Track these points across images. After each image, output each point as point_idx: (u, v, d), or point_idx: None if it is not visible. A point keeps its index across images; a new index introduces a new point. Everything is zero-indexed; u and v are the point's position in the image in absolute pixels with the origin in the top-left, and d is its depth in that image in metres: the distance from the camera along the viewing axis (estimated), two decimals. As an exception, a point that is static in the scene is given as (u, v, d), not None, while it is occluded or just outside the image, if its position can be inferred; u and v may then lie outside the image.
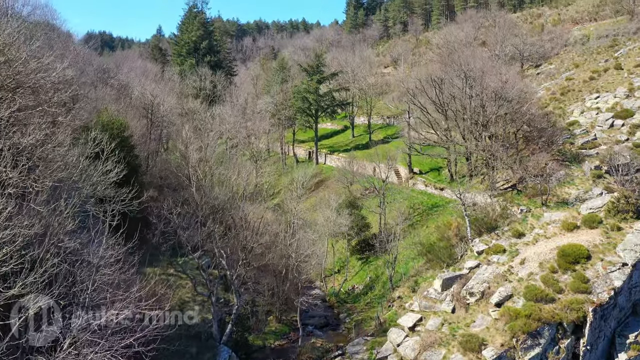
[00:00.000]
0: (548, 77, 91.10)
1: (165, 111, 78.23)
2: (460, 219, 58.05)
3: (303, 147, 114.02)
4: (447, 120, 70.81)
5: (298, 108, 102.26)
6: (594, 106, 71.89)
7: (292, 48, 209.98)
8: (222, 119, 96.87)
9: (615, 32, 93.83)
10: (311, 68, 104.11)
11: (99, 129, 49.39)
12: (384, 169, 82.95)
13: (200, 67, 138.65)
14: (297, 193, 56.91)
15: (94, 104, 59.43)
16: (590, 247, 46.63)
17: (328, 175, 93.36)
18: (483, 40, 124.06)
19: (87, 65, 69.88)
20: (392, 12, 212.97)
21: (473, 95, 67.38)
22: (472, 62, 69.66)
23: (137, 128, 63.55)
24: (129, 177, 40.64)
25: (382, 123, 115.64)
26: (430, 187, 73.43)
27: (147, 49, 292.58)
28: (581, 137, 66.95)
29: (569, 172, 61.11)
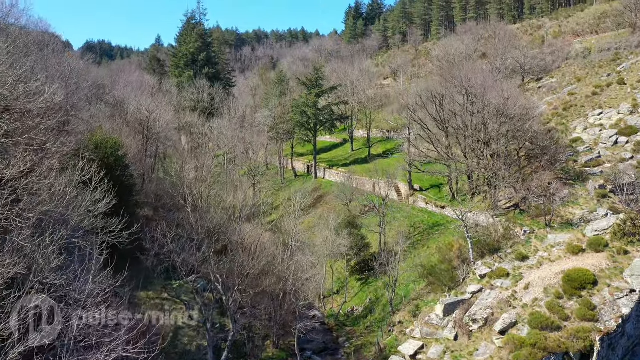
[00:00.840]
0: (550, 92, 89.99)
1: (162, 127, 76.98)
2: (462, 241, 56.73)
3: (302, 161, 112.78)
4: (448, 137, 69.59)
5: (297, 122, 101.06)
6: (598, 122, 70.70)
7: (291, 58, 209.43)
8: (219, 132, 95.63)
9: (618, 46, 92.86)
10: (310, 82, 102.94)
11: (88, 155, 48.30)
12: (383, 185, 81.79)
13: (198, 79, 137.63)
14: (295, 215, 55.49)
15: (87, 125, 58.15)
16: (597, 271, 45.34)
17: (327, 191, 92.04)
18: (483, 52, 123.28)
19: (82, 81, 68.62)
20: (391, 22, 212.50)
21: (474, 112, 66.21)
22: (473, 77, 68.51)
23: (132, 146, 62.34)
24: (119, 206, 39.19)
25: (381, 137, 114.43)
26: (431, 205, 72.13)
27: (146, 59, 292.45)
28: (585, 154, 65.71)
29: (572, 191, 59.82)
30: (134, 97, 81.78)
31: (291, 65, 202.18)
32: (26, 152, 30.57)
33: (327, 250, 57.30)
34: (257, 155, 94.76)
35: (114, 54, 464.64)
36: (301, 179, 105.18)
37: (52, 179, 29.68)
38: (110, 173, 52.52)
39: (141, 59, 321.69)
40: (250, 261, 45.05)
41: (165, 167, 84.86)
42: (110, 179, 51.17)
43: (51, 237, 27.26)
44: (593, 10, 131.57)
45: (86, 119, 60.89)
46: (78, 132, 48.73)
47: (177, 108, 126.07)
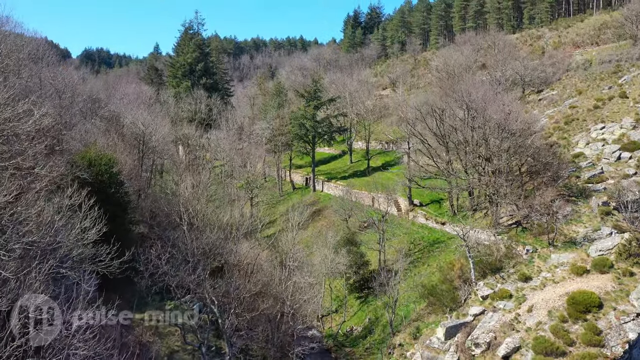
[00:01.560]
0: (550, 104, 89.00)
1: (158, 140, 75.90)
2: (463, 259, 55.54)
3: (300, 173, 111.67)
4: (449, 152, 68.55)
5: (295, 134, 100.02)
6: (600, 137, 69.68)
7: (289, 68, 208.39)
8: (217, 145, 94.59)
9: (619, 58, 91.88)
10: (308, 94, 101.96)
11: (80, 174, 47.19)
12: (382, 199, 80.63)
13: (195, 89, 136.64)
14: (293, 234, 54.32)
15: (81, 141, 57.04)
16: (602, 294, 44.23)
17: (325, 204, 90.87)
18: (483, 63, 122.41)
19: (76, 95, 67.55)
20: (390, 31, 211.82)
21: (475, 126, 65.20)
22: (473, 91, 67.49)
23: (128, 161, 61.17)
24: (112, 229, 37.99)
25: (380, 148, 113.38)
26: (431, 221, 70.96)
27: (144, 67, 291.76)
28: (587, 170, 64.72)
29: (575, 208, 58.81)
30: (130, 110, 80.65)
31: (289, 74, 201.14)
32: (13, 178, 29.47)
33: (326, 269, 56.08)
34: (255, 167, 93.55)
35: (112, 62, 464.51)
36: (299, 192, 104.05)
37: (40, 207, 28.49)
38: (104, 193, 51.67)
39: (139, 67, 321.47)
40: (246, 284, 43.87)
41: (162, 182, 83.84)
42: (102, 200, 50.45)
43: (38, 268, 26.14)
44: (593, 20, 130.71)
45: (80, 135, 59.69)
46: (70, 152, 47.44)
47: (174, 119, 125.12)
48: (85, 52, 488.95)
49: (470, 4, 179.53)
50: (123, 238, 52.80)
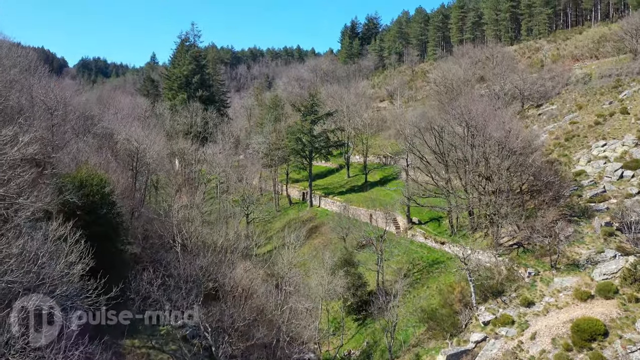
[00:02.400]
0: (550, 119, 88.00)
1: (152, 157, 74.60)
2: (463, 282, 54.24)
3: (297, 188, 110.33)
4: (448, 171, 67.37)
5: (291, 149, 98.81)
6: (601, 154, 68.54)
7: (286, 79, 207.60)
8: (212, 160, 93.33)
9: (619, 72, 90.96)
10: (305, 108, 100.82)
11: (70, 197, 45.83)
12: (380, 216, 79.43)
13: (192, 102, 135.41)
14: (289, 257, 52.91)
15: (72, 161, 55.73)
16: (607, 321, 42.96)
17: (322, 221, 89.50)
18: (481, 76, 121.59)
19: (69, 112, 66.20)
20: (387, 42, 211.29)
21: (475, 144, 64.04)
22: (473, 108, 66.34)
23: (120, 180, 59.80)
24: (99, 259, 36.59)
25: (378, 162, 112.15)
26: (430, 240, 69.66)
27: (141, 77, 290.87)
28: (589, 188, 63.53)
29: (577, 228, 57.59)
30: (124, 125, 79.34)
31: (287, 85, 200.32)
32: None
33: (323, 292, 54.64)
34: (251, 182, 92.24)
35: (109, 71, 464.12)
36: (296, 207, 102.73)
37: (23, 241, 27.13)
38: (95, 214, 50.30)
39: (136, 77, 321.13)
40: (241, 312, 42.51)
41: (156, 198, 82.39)
42: (93, 222, 49.12)
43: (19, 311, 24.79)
44: (591, 33, 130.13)
45: (72, 154, 58.34)
46: (59, 175, 46.08)
47: (170, 132, 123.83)
48: (82, 62, 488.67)
49: (468, 16, 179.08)
50: (114, 260, 51.78)
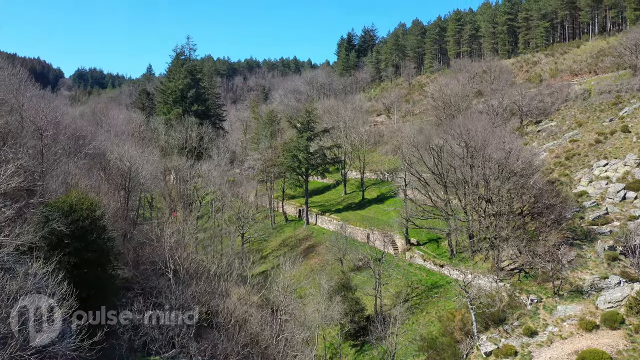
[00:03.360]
0: (550, 136, 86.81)
1: (145, 177, 73.17)
2: (464, 309, 52.67)
3: (293, 204, 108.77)
4: (447, 192, 66.01)
5: (287, 166, 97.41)
6: (603, 174, 67.24)
7: (282, 91, 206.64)
8: (207, 178, 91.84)
9: (618, 88, 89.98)
10: (301, 124, 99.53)
11: (57, 226, 44.31)
12: (378, 236, 78.06)
13: (187, 116, 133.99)
14: (284, 284, 51.29)
15: (62, 184, 54.24)
16: (613, 353, 41.58)
17: (319, 240, 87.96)
18: (478, 90, 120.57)
19: (60, 133, 64.70)
20: (384, 54, 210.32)
21: (474, 164, 62.75)
22: (472, 128, 65.04)
23: (111, 204, 58.25)
24: (86, 298, 35.03)
25: (375, 178, 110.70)
26: (429, 262, 68.10)
27: (137, 89, 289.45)
28: (591, 210, 62.19)
29: (580, 252, 56.23)
30: (117, 144, 77.85)
31: (283, 98, 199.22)
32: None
33: (319, 319, 53.00)
34: (247, 199, 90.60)
35: (105, 82, 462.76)
36: (292, 225, 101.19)
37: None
38: (84, 241, 48.77)
39: (132, 88, 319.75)
40: (234, 346, 40.92)
41: (149, 218, 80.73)
42: (83, 248, 47.59)
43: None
44: (589, 47, 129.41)
45: (62, 177, 56.79)
46: (46, 203, 44.52)
47: (165, 147, 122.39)
48: (78, 72, 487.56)
49: (465, 29, 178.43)
50: (105, 286, 50.24)
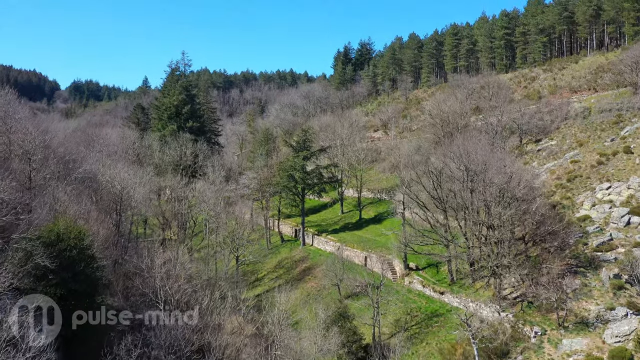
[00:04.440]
0: (550, 156, 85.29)
1: (138, 200, 71.44)
2: (465, 342, 50.90)
3: (289, 224, 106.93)
4: (447, 218, 64.37)
5: (283, 186, 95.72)
6: (606, 198, 65.60)
7: (279, 105, 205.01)
8: (201, 199, 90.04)
9: (619, 107, 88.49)
10: (297, 144, 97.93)
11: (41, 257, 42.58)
12: (376, 259, 76.38)
13: (181, 132, 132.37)
14: (279, 317, 49.45)
15: (49, 212, 52.49)
16: (623, 393, 39.78)
17: (315, 262, 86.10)
18: (477, 106, 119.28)
19: (49, 156, 62.95)
20: (381, 68, 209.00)
21: (474, 188, 61.17)
22: (472, 150, 63.50)
23: (101, 232, 56.41)
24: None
25: (372, 197, 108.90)
26: (428, 289, 66.25)
27: (133, 101, 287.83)
28: (595, 235, 60.55)
29: (584, 281, 54.62)
30: (108, 166, 76.09)
31: (279, 112, 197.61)
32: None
33: (316, 351, 51.12)
34: (242, 221, 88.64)
35: (101, 94, 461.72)
36: (288, 245, 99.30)
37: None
38: (72, 271, 47.09)
39: (128, 101, 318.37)
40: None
41: (144, 233, 78.88)
42: (70, 279, 45.85)
43: None
44: (588, 62, 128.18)
45: (49, 204, 54.98)
46: (29, 239, 42.71)
47: (159, 164, 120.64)
48: (74, 84, 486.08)
49: (462, 43, 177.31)
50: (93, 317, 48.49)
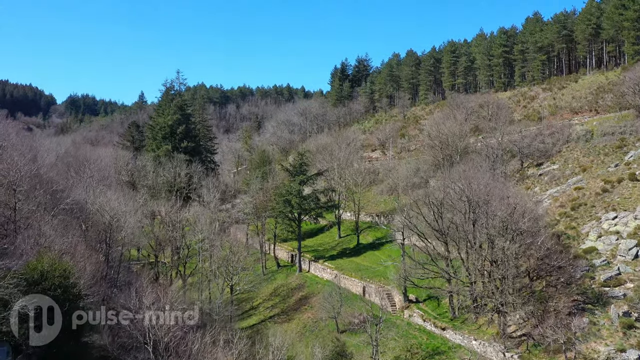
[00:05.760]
0: (552, 181, 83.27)
1: (128, 230, 69.15)
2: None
3: (285, 248, 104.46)
4: (448, 251, 62.18)
5: (279, 212, 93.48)
6: (613, 229, 63.35)
7: (275, 122, 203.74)
8: (195, 224, 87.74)
9: (622, 130, 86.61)
10: (294, 168, 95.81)
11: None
12: (374, 289, 74.22)
13: (176, 153, 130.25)
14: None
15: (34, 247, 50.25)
16: None
17: (312, 290, 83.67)
18: (475, 126, 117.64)
19: (35, 188, 60.70)
20: (378, 84, 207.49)
21: (476, 219, 59.02)
22: (474, 180, 61.43)
23: (88, 268, 53.91)
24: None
25: (370, 221, 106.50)
26: (429, 323, 63.77)
27: (129, 117, 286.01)
28: (602, 269, 58.29)
29: (593, 318, 52.34)
30: (98, 193, 73.77)
31: (276, 129, 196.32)
32: None
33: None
34: (236, 250, 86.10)
35: (97, 108, 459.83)
36: (284, 271, 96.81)
37: None
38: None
39: (124, 117, 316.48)
40: None
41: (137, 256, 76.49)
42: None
43: None
44: (588, 82, 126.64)
45: (34, 238, 52.67)
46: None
47: (152, 186, 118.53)
48: (70, 99, 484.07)
49: (460, 60, 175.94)
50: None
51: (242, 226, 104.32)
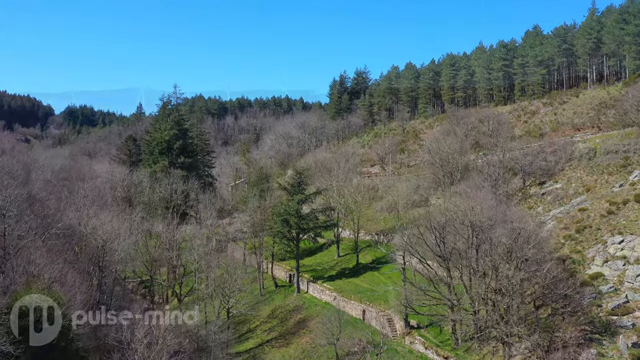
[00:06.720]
0: (556, 201, 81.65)
1: (121, 253, 67.40)
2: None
3: (283, 267, 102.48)
4: (451, 277, 60.45)
5: (278, 232, 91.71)
6: (619, 253, 61.62)
7: (274, 136, 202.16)
8: (191, 245, 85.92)
9: (625, 148, 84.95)
10: (292, 187, 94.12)
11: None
12: (374, 314, 72.48)
13: (173, 168, 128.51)
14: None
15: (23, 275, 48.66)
16: None
17: (311, 313, 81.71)
18: (476, 141, 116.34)
19: (25, 213, 59.01)
20: (377, 97, 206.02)
21: (480, 245, 57.39)
22: (477, 204, 59.87)
23: (78, 297, 52.28)
24: None
25: (369, 239, 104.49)
26: (431, 352, 61.83)
27: (127, 129, 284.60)
28: (609, 296, 56.67)
29: (601, 349, 50.66)
30: (92, 215, 72.06)
31: (274, 143, 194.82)
32: None
33: None
34: (233, 271, 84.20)
35: (95, 119, 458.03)
36: (282, 291, 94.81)
37: None
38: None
39: (122, 128, 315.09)
40: None
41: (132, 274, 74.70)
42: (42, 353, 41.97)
43: None
44: (589, 96, 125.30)
45: (22, 266, 51.00)
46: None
47: (148, 202, 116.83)
48: (68, 109, 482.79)
49: (460, 74, 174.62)
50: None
51: (239, 244, 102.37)
